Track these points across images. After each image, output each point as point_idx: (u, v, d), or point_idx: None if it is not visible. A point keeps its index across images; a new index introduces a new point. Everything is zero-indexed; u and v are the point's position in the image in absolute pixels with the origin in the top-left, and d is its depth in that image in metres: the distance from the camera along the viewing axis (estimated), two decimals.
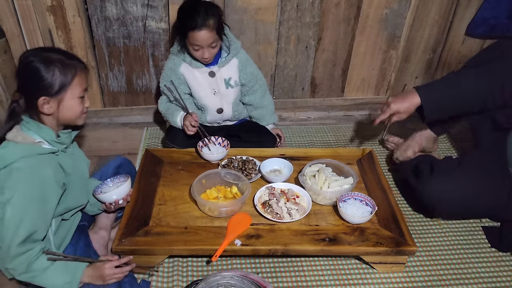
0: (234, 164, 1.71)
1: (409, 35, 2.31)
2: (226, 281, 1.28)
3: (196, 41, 1.69)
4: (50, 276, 1.21)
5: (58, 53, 1.22)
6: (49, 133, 1.24)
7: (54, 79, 1.19)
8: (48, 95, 1.20)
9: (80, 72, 1.25)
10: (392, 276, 1.48)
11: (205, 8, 1.67)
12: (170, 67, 1.86)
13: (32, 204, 1.18)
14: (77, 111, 1.27)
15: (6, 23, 1.97)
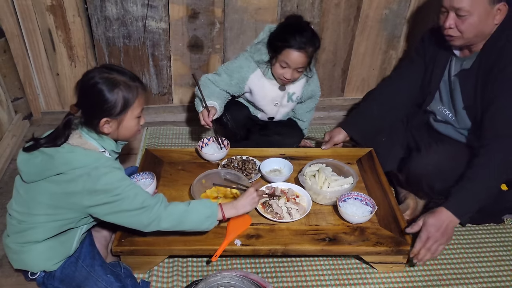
0: (234, 164, 1.71)
1: (409, 35, 2.31)
2: (226, 281, 1.28)
3: (288, 59, 1.67)
4: (193, 215, 1.30)
5: (122, 75, 1.24)
6: (111, 144, 1.30)
7: (117, 101, 1.22)
8: (110, 117, 1.23)
9: (141, 94, 1.28)
10: (392, 276, 1.48)
11: (311, 34, 1.68)
12: (241, 65, 1.81)
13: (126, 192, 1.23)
14: (134, 130, 1.32)
15: (5, 22, 1.97)
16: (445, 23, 1.46)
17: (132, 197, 1.24)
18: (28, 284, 1.42)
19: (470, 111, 1.56)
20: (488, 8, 1.40)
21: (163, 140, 2.23)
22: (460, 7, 1.40)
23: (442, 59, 1.62)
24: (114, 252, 1.38)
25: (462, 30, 1.44)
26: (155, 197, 1.30)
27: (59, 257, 1.31)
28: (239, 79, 1.82)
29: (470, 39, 1.47)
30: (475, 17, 1.41)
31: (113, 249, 1.37)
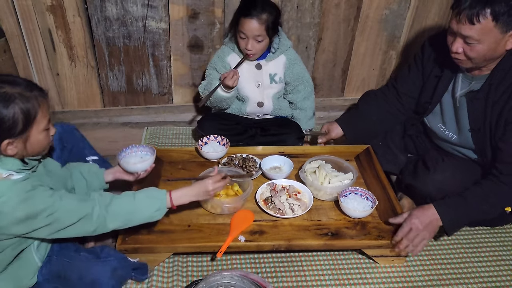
0: (235, 162, 1.72)
1: (409, 35, 2.31)
2: (226, 281, 1.28)
3: (243, 28, 1.74)
4: (140, 208, 1.23)
5: (15, 86, 1.06)
6: (15, 164, 1.12)
7: (16, 119, 1.05)
8: (11, 137, 1.07)
9: (43, 104, 1.11)
10: (392, 276, 1.48)
11: (263, 2, 1.74)
12: (219, 54, 1.93)
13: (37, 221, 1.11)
14: (44, 143, 1.17)
15: (5, 22, 1.97)
16: (452, 46, 1.39)
17: (66, 212, 1.13)
18: None
19: (476, 134, 1.51)
20: (499, 36, 1.32)
21: (163, 140, 2.23)
22: (468, 35, 1.33)
23: (448, 73, 1.56)
24: (118, 250, 1.38)
25: (470, 56, 1.38)
26: (90, 201, 1.18)
27: (29, 275, 1.24)
28: (222, 66, 1.90)
29: (479, 63, 1.42)
30: (485, 46, 1.34)
31: (117, 247, 1.37)
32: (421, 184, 1.55)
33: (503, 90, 1.42)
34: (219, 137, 1.83)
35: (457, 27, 1.35)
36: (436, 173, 1.52)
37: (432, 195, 1.54)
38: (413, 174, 1.60)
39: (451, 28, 1.38)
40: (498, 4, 1.27)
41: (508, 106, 1.40)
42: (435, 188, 1.51)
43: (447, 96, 1.59)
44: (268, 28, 1.75)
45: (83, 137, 1.60)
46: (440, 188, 1.50)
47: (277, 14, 1.78)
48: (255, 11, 1.71)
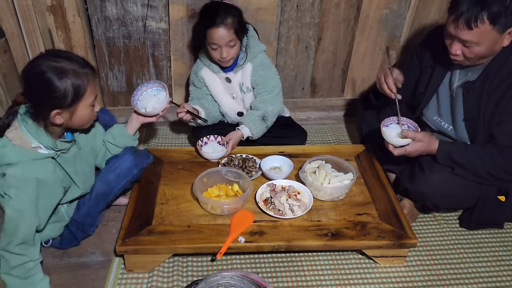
0: (235, 162, 1.72)
1: (409, 35, 2.31)
2: (226, 281, 1.28)
3: (213, 39, 1.70)
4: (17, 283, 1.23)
5: (70, 62, 1.17)
6: (47, 140, 1.22)
7: (67, 91, 1.16)
8: (61, 108, 1.18)
9: (92, 81, 1.22)
10: (392, 276, 1.48)
11: (224, 8, 1.71)
12: (194, 69, 1.93)
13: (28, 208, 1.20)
14: (89, 118, 1.29)
15: (6, 23, 1.97)
16: (451, 49, 1.41)
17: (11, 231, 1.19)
18: None
19: (469, 124, 1.54)
20: (497, 36, 1.34)
21: (163, 140, 2.23)
22: (467, 39, 1.35)
23: (443, 64, 1.58)
24: (118, 251, 1.39)
25: (468, 56, 1.41)
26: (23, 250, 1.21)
27: (58, 230, 1.46)
28: (198, 81, 1.91)
29: (477, 62, 1.45)
30: (483, 47, 1.36)
31: (117, 249, 1.38)
32: (418, 186, 1.55)
33: (498, 82, 1.44)
34: (219, 137, 1.83)
35: (455, 31, 1.36)
36: (432, 174, 1.51)
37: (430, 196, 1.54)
38: (410, 177, 1.60)
39: (449, 32, 1.39)
40: (494, 7, 1.28)
41: (507, 97, 1.42)
42: (433, 189, 1.51)
43: (443, 87, 1.61)
44: (237, 30, 1.73)
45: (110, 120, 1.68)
46: (438, 189, 1.50)
47: (240, 14, 1.74)
48: (219, 18, 1.67)
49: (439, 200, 1.56)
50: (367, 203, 1.59)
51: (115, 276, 1.45)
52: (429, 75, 1.63)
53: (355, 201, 1.59)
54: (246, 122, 1.84)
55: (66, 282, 1.44)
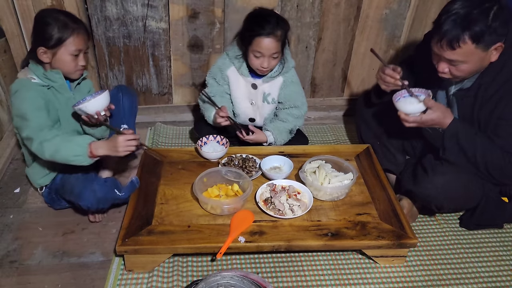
0: (235, 162, 1.72)
1: (409, 35, 2.31)
2: (226, 281, 1.28)
3: (260, 48, 1.69)
4: (63, 151, 1.42)
5: (65, 16, 1.47)
6: (38, 70, 1.50)
7: (52, 34, 1.43)
8: (45, 47, 1.45)
9: (78, 34, 1.46)
10: (392, 276, 1.48)
11: (276, 19, 1.70)
12: (219, 65, 1.88)
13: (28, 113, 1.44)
14: (69, 66, 1.50)
15: (6, 22, 1.97)
16: (438, 67, 1.44)
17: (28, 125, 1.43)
18: (28, 284, 1.43)
19: None
20: (482, 54, 1.36)
21: (163, 140, 2.23)
22: (451, 59, 1.37)
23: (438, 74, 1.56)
24: (118, 251, 1.39)
25: (455, 74, 1.43)
26: (41, 132, 1.43)
27: (48, 173, 1.62)
28: (222, 78, 1.87)
29: (466, 77, 1.47)
30: (470, 64, 1.38)
31: (117, 249, 1.37)
32: (422, 188, 1.54)
33: (492, 92, 1.45)
34: (218, 136, 1.83)
35: (439, 51, 1.39)
36: (435, 176, 1.51)
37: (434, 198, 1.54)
38: (413, 179, 1.60)
39: (434, 51, 1.42)
40: (475, 27, 1.30)
41: (502, 104, 1.43)
42: (437, 190, 1.51)
43: (441, 93, 1.62)
44: (283, 44, 1.73)
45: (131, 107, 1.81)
46: (442, 191, 1.50)
47: (288, 28, 1.75)
48: (270, 28, 1.66)
49: (444, 201, 1.55)
50: (367, 203, 1.59)
51: (115, 276, 1.45)
52: (425, 82, 1.61)
53: (355, 201, 1.59)
54: (272, 130, 1.88)
55: (66, 282, 1.44)
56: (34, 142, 1.44)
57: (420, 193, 1.56)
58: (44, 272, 1.47)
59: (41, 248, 1.56)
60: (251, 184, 1.53)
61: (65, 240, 1.60)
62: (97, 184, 1.52)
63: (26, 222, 1.67)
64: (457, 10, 1.32)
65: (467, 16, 1.31)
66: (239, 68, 1.84)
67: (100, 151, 1.44)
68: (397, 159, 1.81)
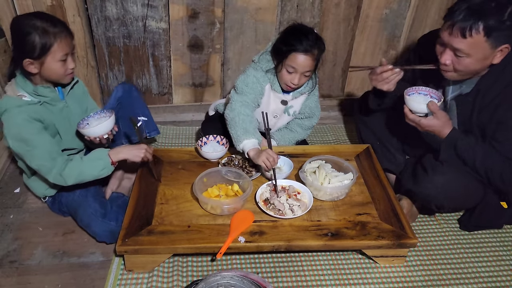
0: (235, 162, 1.72)
1: (409, 35, 2.31)
2: (226, 281, 1.28)
3: (295, 63, 1.65)
4: (88, 171, 1.45)
5: (43, 20, 1.36)
6: (29, 87, 1.44)
7: (35, 44, 1.35)
8: (31, 58, 1.37)
9: (61, 38, 1.38)
10: (392, 276, 1.48)
11: (315, 37, 1.66)
12: (257, 77, 1.76)
13: (22, 144, 1.41)
14: (59, 72, 1.43)
15: (6, 22, 1.97)
16: (441, 57, 1.41)
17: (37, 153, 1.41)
18: (28, 284, 1.43)
19: None
20: (488, 51, 1.34)
21: (163, 140, 2.23)
22: (459, 48, 1.34)
23: (436, 79, 1.56)
24: (118, 251, 1.39)
25: (457, 68, 1.40)
26: (53, 161, 1.42)
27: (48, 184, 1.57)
28: (260, 91, 1.79)
29: (464, 76, 1.45)
30: (473, 60, 1.36)
31: (117, 249, 1.37)
32: (422, 188, 1.54)
33: (492, 97, 1.44)
34: (218, 136, 1.83)
35: (448, 39, 1.36)
36: (435, 176, 1.51)
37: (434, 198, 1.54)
38: (413, 179, 1.59)
39: (442, 39, 1.38)
40: (491, 19, 1.28)
41: (501, 110, 1.41)
42: (437, 190, 1.51)
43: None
44: (317, 63, 1.71)
45: (139, 97, 1.86)
46: (442, 190, 1.50)
47: (324, 49, 1.71)
48: (309, 46, 1.62)
49: (444, 201, 1.55)
50: (367, 203, 1.59)
51: (115, 276, 1.45)
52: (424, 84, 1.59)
53: (355, 201, 1.59)
54: (278, 139, 1.91)
55: (66, 282, 1.44)
56: (51, 174, 1.42)
57: (420, 192, 1.56)
58: (44, 272, 1.47)
59: (41, 248, 1.56)
60: (251, 184, 1.53)
61: (65, 240, 1.60)
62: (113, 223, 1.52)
63: (26, 222, 1.67)
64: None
65: (484, 7, 1.28)
66: (273, 85, 1.79)
67: (120, 155, 1.49)
68: (397, 159, 1.81)
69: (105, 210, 1.55)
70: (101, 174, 1.48)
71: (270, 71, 1.76)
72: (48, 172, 1.43)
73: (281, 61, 1.69)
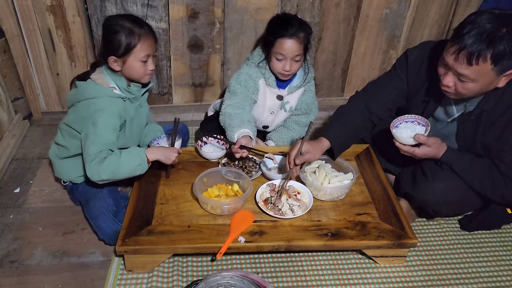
0: (235, 162, 1.72)
1: (409, 35, 2.31)
2: (226, 281, 1.28)
3: (282, 49, 1.68)
4: (124, 166, 1.46)
5: (130, 21, 1.44)
6: (122, 81, 1.52)
7: (121, 44, 1.43)
8: (116, 56, 1.45)
9: (145, 40, 1.45)
10: (392, 276, 1.48)
11: (299, 22, 1.70)
12: (250, 74, 1.81)
13: (102, 130, 1.46)
14: (139, 72, 1.50)
15: (5, 23, 1.97)
16: (443, 79, 1.35)
17: (92, 141, 1.44)
18: (28, 284, 1.43)
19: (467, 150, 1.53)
20: (494, 78, 1.28)
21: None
22: (463, 74, 1.27)
23: (435, 98, 1.53)
24: (118, 251, 1.39)
25: (459, 91, 1.34)
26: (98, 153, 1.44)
27: (81, 173, 1.60)
28: (254, 88, 1.83)
29: (467, 98, 1.40)
30: (477, 85, 1.30)
31: (117, 249, 1.37)
32: (420, 193, 1.54)
33: (496, 117, 1.40)
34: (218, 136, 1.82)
35: (453, 63, 1.29)
36: (435, 181, 1.50)
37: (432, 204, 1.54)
38: (412, 183, 1.59)
39: (446, 61, 1.31)
40: (500, 46, 1.21)
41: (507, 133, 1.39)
42: (436, 197, 1.50)
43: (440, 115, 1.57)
44: (305, 47, 1.73)
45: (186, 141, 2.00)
46: (441, 196, 1.49)
47: (311, 32, 1.74)
48: (293, 30, 1.66)
49: (442, 207, 1.55)
50: (367, 203, 1.59)
51: (115, 276, 1.46)
52: (421, 108, 1.58)
53: (355, 201, 1.59)
54: (275, 140, 1.93)
55: (66, 282, 1.44)
56: (91, 164, 1.43)
57: (418, 197, 1.56)
58: (44, 272, 1.47)
59: (41, 248, 1.56)
60: (251, 184, 1.53)
61: (65, 240, 1.60)
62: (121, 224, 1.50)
63: (26, 222, 1.67)
64: (483, 23, 1.22)
65: (494, 34, 1.20)
66: (267, 79, 1.82)
67: (152, 155, 1.53)
68: (396, 160, 1.81)
69: (117, 209, 1.57)
70: (136, 170, 1.49)
71: (262, 63, 1.80)
72: (90, 161, 1.43)
73: (270, 50, 1.73)
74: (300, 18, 1.75)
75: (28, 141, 2.15)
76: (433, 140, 1.42)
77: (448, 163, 1.48)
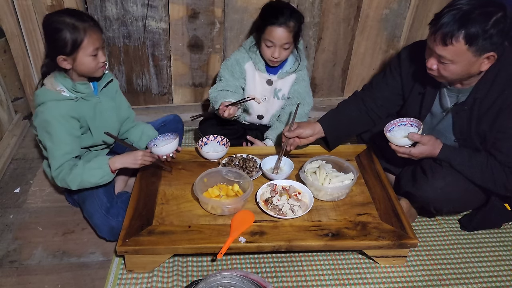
0: (235, 162, 1.72)
1: (409, 35, 2.31)
2: (226, 281, 1.28)
3: (271, 37, 1.72)
4: (88, 179, 1.49)
5: (71, 16, 1.40)
6: (67, 82, 1.49)
7: (66, 41, 1.38)
8: (64, 54, 1.41)
9: (91, 33, 1.41)
10: (392, 276, 1.48)
11: (290, 10, 1.72)
12: (237, 59, 1.89)
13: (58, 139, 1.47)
14: (91, 66, 1.47)
15: (6, 23, 1.97)
16: (427, 62, 1.40)
17: (51, 149, 1.47)
18: (28, 284, 1.43)
19: (462, 143, 1.54)
20: (472, 59, 1.31)
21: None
22: (441, 55, 1.33)
23: (431, 89, 1.55)
24: (119, 252, 1.39)
25: (443, 74, 1.39)
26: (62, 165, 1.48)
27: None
28: (240, 72, 1.88)
29: (453, 81, 1.44)
30: (458, 66, 1.34)
31: (118, 249, 1.37)
32: (421, 191, 1.54)
33: (488, 105, 1.42)
34: (218, 137, 1.83)
35: (432, 45, 1.35)
36: (435, 179, 1.50)
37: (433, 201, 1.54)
38: (412, 181, 1.59)
39: (428, 43, 1.38)
40: (472, 28, 1.25)
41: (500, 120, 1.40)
42: (436, 194, 1.50)
43: (435, 108, 1.59)
44: (295, 35, 1.75)
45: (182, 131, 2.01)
46: (441, 194, 1.50)
47: (302, 21, 1.77)
48: (283, 18, 1.69)
49: (443, 204, 1.56)
50: (367, 203, 1.59)
51: (115, 276, 1.46)
52: (418, 101, 1.60)
53: (356, 201, 1.59)
54: (273, 138, 1.93)
55: (66, 282, 1.44)
56: (57, 178, 1.49)
57: (419, 195, 1.56)
58: (44, 272, 1.47)
59: (41, 248, 1.56)
60: (251, 184, 1.53)
61: (65, 240, 1.60)
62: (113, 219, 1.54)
63: (26, 222, 1.67)
64: (461, 5, 1.28)
65: (468, 14, 1.26)
66: (256, 64, 1.85)
67: (117, 164, 1.54)
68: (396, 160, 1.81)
69: (110, 204, 1.57)
70: (101, 181, 1.52)
71: (253, 48, 1.84)
72: (56, 177, 1.50)
73: (260, 36, 1.76)
74: (292, 7, 1.78)
75: (28, 141, 2.15)
76: (427, 138, 1.45)
77: (446, 160, 1.48)
